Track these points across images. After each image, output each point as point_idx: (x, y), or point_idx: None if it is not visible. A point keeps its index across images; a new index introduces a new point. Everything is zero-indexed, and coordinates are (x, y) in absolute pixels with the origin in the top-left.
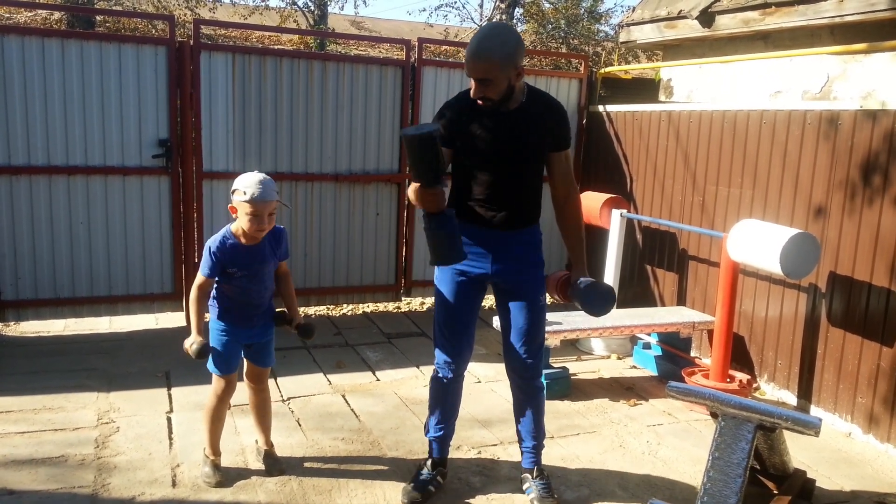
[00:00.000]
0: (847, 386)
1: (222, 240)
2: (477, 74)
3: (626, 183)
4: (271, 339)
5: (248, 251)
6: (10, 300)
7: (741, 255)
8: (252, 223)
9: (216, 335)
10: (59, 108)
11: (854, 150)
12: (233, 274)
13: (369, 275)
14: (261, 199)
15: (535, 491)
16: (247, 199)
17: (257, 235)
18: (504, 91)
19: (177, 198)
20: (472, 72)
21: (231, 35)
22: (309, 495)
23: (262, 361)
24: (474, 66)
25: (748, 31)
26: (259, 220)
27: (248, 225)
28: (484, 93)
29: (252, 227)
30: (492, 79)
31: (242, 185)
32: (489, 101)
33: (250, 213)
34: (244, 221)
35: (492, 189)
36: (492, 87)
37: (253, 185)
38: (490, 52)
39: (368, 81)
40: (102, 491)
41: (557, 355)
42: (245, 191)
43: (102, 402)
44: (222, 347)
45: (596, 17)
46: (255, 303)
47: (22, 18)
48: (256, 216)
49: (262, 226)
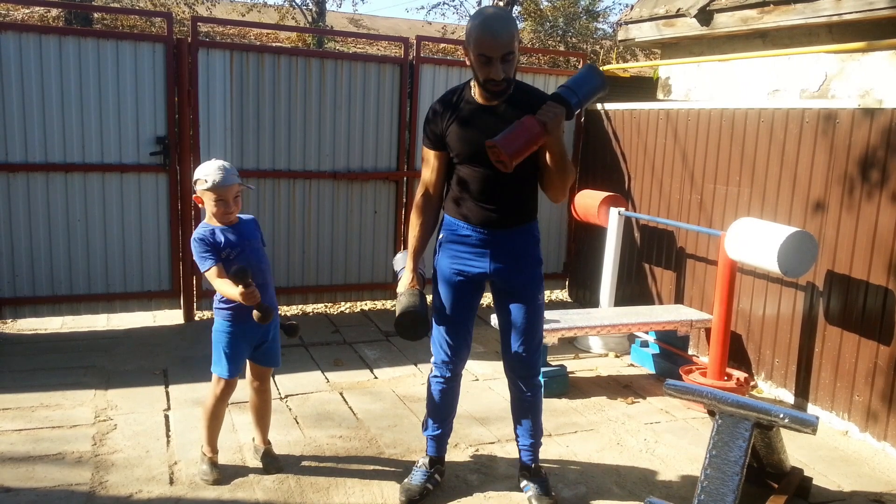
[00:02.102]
0: (844, 384)
1: (202, 231)
2: (503, 50)
3: (625, 181)
4: (277, 338)
5: (231, 231)
6: (7, 297)
7: (739, 253)
8: (219, 208)
9: (224, 337)
10: (56, 105)
11: (852, 149)
12: (227, 256)
13: (367, 273)
14: (223, 185)
15: (533, 489)
16: (209, 186)
17: (228, 218)
18: (514, 74)
19: (174, 195)
20: (498, 49)
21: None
22: (306, 493)
23: (268, 361)
24: (500, 43)
25: (746, 29)
26: (225, 204)
27: (215, 210)
28: (507, 72)
29: (220, 212)
30: (513, 52)
31: (203, 174)
32: (504, 84)
33: (215, 200)
34: (211, 208)
35: (486, 187)
36: (511, 64)
37: (213, 173)
38: (508, 24)
39: (367, 79)
40: (100, 488)
41: (555, 353)
42: (206, 179)
43: (100, 399)
44: (230, 349)
45: (594, 15)
46: (258, 282)
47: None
48: (222, 201)
49: (230, 209)
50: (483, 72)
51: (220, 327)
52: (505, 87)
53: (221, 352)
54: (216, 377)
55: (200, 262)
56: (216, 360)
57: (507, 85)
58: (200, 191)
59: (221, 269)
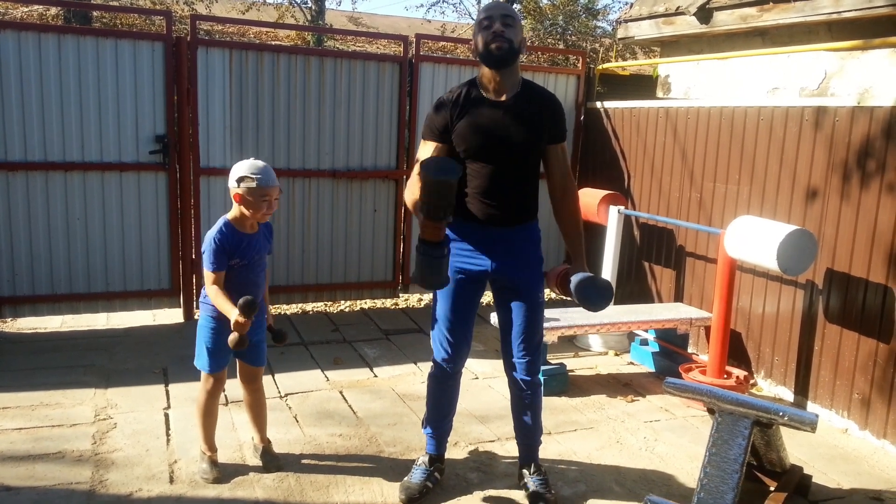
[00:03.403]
0: (844, 382)
1: (223, 230)
2: (500, 11)
3: (624, 179)
4: (263, 338)
5: (248, 240)
6: (6, 296)
7: (738, 251)
8: (265, 208)
9: (208, 333)
10: (55, 103)
11: (851, 147)
12: (234, 265)
13: (367, 271)
14: (273, 183)
15: (533, 487)
16: (258, 185)
17: (264, 219)
18: (518, 45)
19: (174, 194)
20: (496, 10)
21: (228, 31)
22: (306, 491)
23: (255, 361)
24: (498, 6)
25: (746, 27)
26: (269, 204)
27: (260, 210)
28: (508, 34)
29: (260, 212)
30: (514, 17)
31: (250, 172)
32: (508, 44)
33: (265, 199)
34: (256, 207)
35: (488, 184)
36: (513, 30)
37: (261, 171)
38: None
39: (366, 77)
40: (100, 487)
41: (555, 351)
42: (254, 177)
43: (100, 398)
44: (213, 345)
45: (593, 13)
46: (252, 294)
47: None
48: (267, 200)
49: (272, 209)
50: (485, 35)
51: (204, 322)
52: (506, 46)
53: (203, 346)
54: (203, 374)
55: (208, 261)
56: (198, 354)
57: (508, 46)
58: (247, 188)
59: (221, 279)
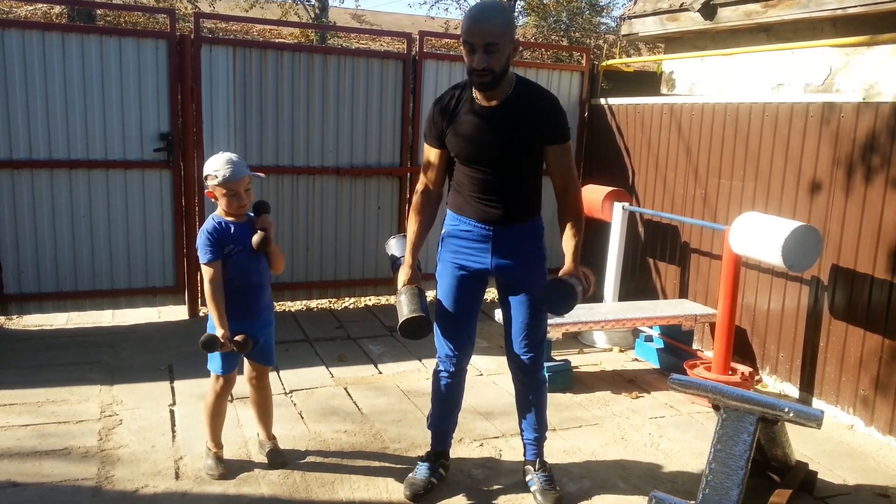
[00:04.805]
0: (849, 378)
1: (213, 222)
2: (483, 38)
3: (628, 176)
4: (272, 337)
5: (240, 227)
6: (12, 294)
7: (743, 247)
8: (231, 202)
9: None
10: (60, 102)
11: (856, 143)
12: (231, 252)
13: (371, 268)
14: (234, 179)
15: (538, 483)
16: (219, 181)
17: (240, 212)
18: (504, 64)
19: (178, 191)
20: (477, 36)
21: (232, 28)
22: (311, 487)
23: (263, 360)
24: (479, 30)
25: (750, 23)
26: (237, 197)
27: (227, 205)
28: (488, 62)
29: (233, 206)
30: (497, 43)
31: (213, 169)
32: (490, 75)
33: (227, 195)
34: (223, 203)
35: (487, 185)
36: (496, 56)
37: (223, 167)
38: (494, 14)
39: (370, 75)
40: (106, 483)
41: (559, 348)
42: (216, 174)
43: (105, 394)
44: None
45: (597, 9)
46: (254, 282)
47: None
48: (234, 195)
49: (242, 202)
50: (468, 60)
51: (213, 323)
52: (489, 79)
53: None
54: (213, 374)
55: (202, 252)
56: (210, 356)
57: (490, 77)
58: (211, 186)
59: (219, 271)
